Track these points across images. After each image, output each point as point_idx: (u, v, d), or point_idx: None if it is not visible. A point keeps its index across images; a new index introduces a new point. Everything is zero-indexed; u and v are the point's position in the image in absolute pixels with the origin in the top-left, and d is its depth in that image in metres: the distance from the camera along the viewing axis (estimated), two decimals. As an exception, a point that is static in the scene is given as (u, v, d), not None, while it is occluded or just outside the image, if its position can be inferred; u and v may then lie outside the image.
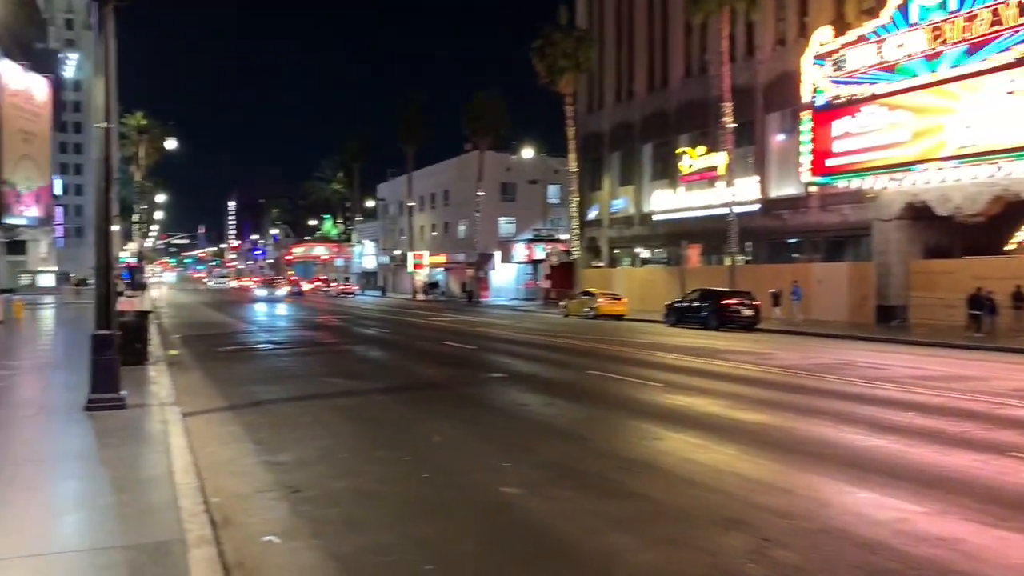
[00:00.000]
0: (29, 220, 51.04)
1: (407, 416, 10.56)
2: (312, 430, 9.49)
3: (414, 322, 32.38)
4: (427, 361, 17.60)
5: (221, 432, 9.46)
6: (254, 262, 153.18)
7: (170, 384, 12.50)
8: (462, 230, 68.77)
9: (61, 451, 7.94)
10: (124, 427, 8.92)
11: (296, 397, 12.07)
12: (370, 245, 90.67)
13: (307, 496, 6.70)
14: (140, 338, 15.26)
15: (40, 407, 10.30)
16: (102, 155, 10.30)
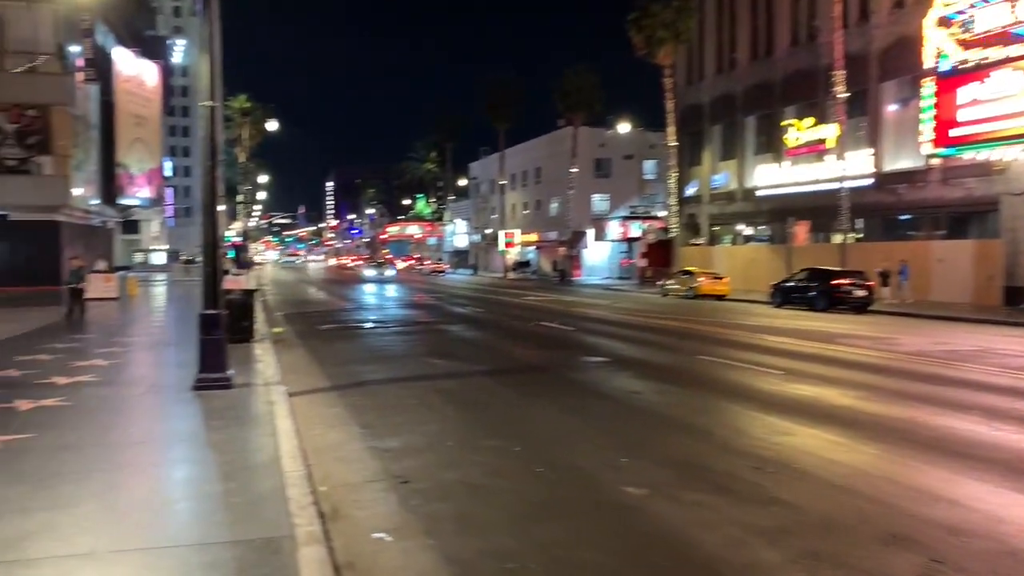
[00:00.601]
0: (142, 201, 53.51)
1: (511, 401, 10.12)
2: (417, 414, 9.17)
3: (507, 301, 32.07)
4: (526, 342, 17.14)
5: (326, 414, 9.26)
6: (351, 241, 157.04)
7: (275, 363, 12.49)
8: (554, 208, 68.06)
9: (170, 433, 7.88)
10: (231, 408, 8.82)
11: (398, 378, 11.84)
12: (462, 224, 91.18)
13: (417, 488, 6.33)
14: (246, 316, 15.43)
15: (150, 386, 10.40)
16: (207, 133, 10.22)
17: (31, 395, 9.38)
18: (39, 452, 6.77)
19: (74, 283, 20.20)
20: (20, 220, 37.59)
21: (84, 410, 8.63)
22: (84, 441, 7.21)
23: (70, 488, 5.77)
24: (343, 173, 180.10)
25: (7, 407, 8.71)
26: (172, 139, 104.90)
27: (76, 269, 20.44)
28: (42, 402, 9.00)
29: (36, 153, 38.12)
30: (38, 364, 12.07)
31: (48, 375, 10.95)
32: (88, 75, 41.52)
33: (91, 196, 43.78)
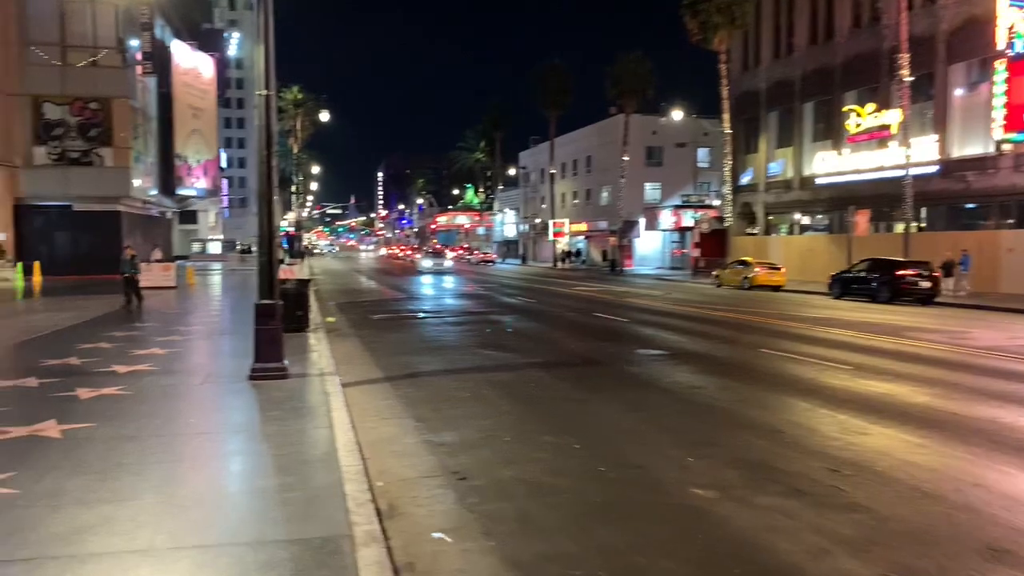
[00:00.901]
0: (199, 191, 54.64)
1: (568, 396, 9.86)
2: (472, 407, 9.00)
3: (558, 291, 31.78)
4: (580, 334, 16.85)
5: (380, 406, 9.15)
6: (400, 231, 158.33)
7: (329, 353, 12.47)
8: (604, 197, 67.38)
9: (227, 424, 7.84)
10: (287, 398, 8.77)
11: (451, 370, 11.69)
12: (511, 213, 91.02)
13: (474, 485, 6.14)
14: (301, 306, 15.50)
15: (207, 375, 10.44)
16: (263, 122, 10.17)
17: (92, 383, 9.48)
18: (100, 442, 6.78)
19: (128, 272, 20.41)
20: (83, 211, 38.73)
21: (143, 399, 8.67)
22: (144, 431, 7.20)
23: (130, 480, 5.72)
24: (393, 163, 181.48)
25: (69, 395, 8.81)
26: (227, 131, 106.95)
27: (130, 259, 20.64)
28: (103, 390, 9.08)
29: (98, 145, 39.15)
30: (99, 352, 12.26)
31: (108, 363, 11.09)
32: (147, 68, 42.41)
33: (150, 187, 44.82)
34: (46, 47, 37.59)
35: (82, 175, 38.44)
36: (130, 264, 20.44)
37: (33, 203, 37.89)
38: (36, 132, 38.02)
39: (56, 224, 38.93)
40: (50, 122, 38.44)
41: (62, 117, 38.59)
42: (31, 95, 37.67)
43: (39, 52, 37.46)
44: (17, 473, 5.82)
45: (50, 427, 7.27)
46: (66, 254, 38.51)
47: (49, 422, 7.44)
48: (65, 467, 6.03)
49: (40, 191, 37.82)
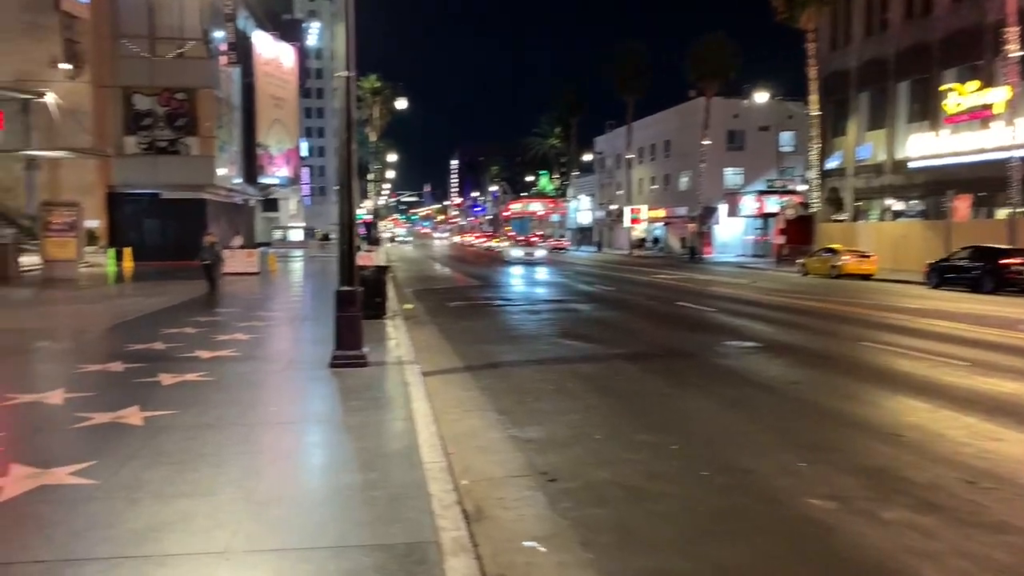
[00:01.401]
0: (280, 180, 55.80)
1: (659, 390, 9.31)
2: (557, 401, 8.56)
3: (637, 279, 31.01)
4: (664, 323, 16.20)
5: (461, 397, 8.82)
6: (474, 218, 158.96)
7: (408, 340, 12.24)
8: (683, 182, 65.76)
9: (308, 414, 7.62)
10: (367, 387, 8.53)
11: (533, 360, 11.28)
12: (586, 200, 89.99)
13: (566, 488, 5.70)
14: (379, 292, 15.37)
15: (288, 362, 10.32)
16: (344, 105, 9.93)
17: (175, 369, 9.46)
18: (181, 431, 6.63)
19: (207, 260, 20.49)
20: (170, 198, 39.93)
21: (225, 386, 8.56)
22: (224, 420, 7.04)
23: (209, 473, 5.52)
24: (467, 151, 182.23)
25: (152, 381, 8.78)
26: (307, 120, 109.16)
27: (209, 246, 20.72)
28: (185, 376, 9.03)
29: (184, 135, 40.26)
30: (183, 337, 12.34)
31: (192, 349, 11.11)
32: (231, 58, 43.36)
33: (234, 175, 45.95)
34: (136, 40, 38.79)
35: (169, 164, 39.61)
36: (209, 251, 20.52)
37: (124, 191, 39.24)
38: (127, 122, 39.34)
39: (146, 211, 40.24)
40: (140, 112, 39.70)
41: (151, 108, 39.81)
42: (122, 87, 38.94)
43: (130, 45, 38.69)
44: (97, 462, 5.69)
45: (132, 414, 7.18)
46: (155, 240, 39.80)
47: (132, 408, 7.36)
48: (144, 456, 5.88)
49: (130, 179, 39.13)
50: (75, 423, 6.87)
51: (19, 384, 8.80)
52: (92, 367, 9.63)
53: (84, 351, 11.34)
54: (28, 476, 5.36)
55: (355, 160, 10.02)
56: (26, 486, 5.15)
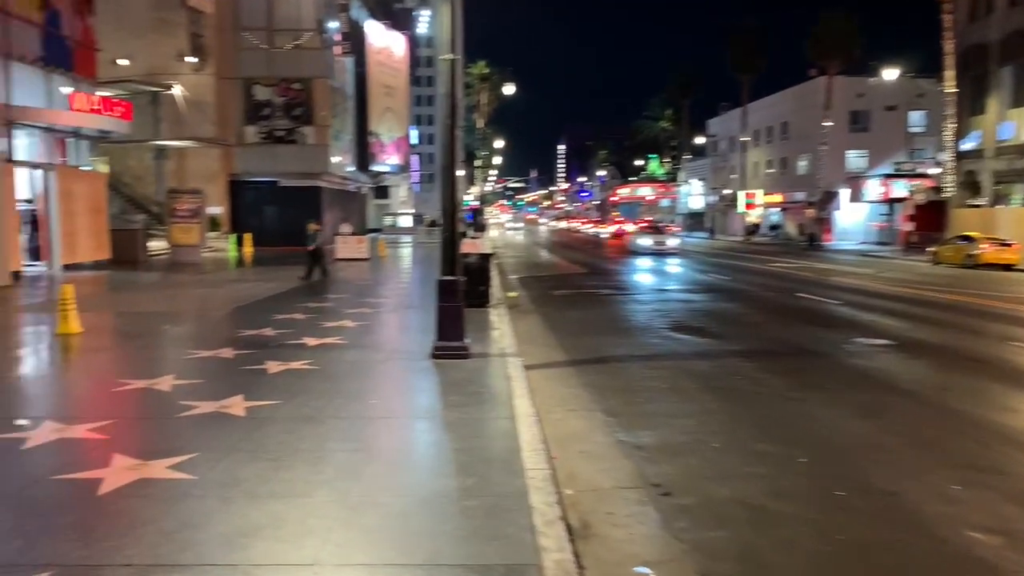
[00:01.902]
0: (391, 167, 56.90)
1: (781, 392, 8.56)
2: (669, 402, 8.00)
3: (752, 268, 29.62)
4: (784, 317, 15.18)
5: (565, 394, 8.39)
6: (580, 203, 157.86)
7: (511, 331, 11.91)
8: (802, 166, 62.66)
9: (408, 408, 7.37)
10: (468, 381, 8.23)
11: (643, 355, 10.72)
12: (697, 184, 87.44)
13: (681, 504, 5.19)
14: (483, 280, 15.15)
15: (391, 351, 10.18)
16: (448, 90, 9.63)
17: (282, 356, 9.47)
18: (281, 423, 6.52)
19: (313, 246, 20.73)
20: (288, 186, 41.29)
21: (328, 376, 8.46)
22: (325, 412, 6.89)
23: (304, 471, 5.32)
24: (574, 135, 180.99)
25: (259, 368, 8.79)
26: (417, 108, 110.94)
27: (313, 233, 20.96)
28: (291, 364, 9.01)
29: (300, 124, 41.49)
30: (292, 323, 12.47)
31: (300, 335, 11.17)
32: (344, 48, 44.35)
33: (347, 163, 47.12)
34: (255, 32, 40.18)
35: (286, 152, 40.94)
36: (313, 238, 20.80)
37: (245, 179, 40.86)
38: (247, 113, 40.86)
39: (264, 199, 41.75)
40: (259, 103, 41.14)
41: (269, 98, 41.18)
42: (243, 78, 40.45)
43: (249, 37, 40.12)
44: (198, 455, 5.61)
45: (236, 403, 7.14)
46: (273, 226, 41.27)
47: (236, 398, 7.34)
48: (243, 450, 5.76)
49: (251, 168, 40.67)
50: (180, 412, 6.89)
51: (134, 369, 9.03)
52: (204, 353, 9.79)
53: (199, 336, 11.62)
54: (128, 468, 5.32)
55: (459, 145, 9.72)
56: (125, 479, 5.10)
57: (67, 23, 24.06)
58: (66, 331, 11.24)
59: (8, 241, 19.01)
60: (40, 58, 22.55)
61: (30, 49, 22.11)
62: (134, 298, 16.99)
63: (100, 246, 25.74)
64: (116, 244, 26.84)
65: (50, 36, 22.97)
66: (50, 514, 4.57)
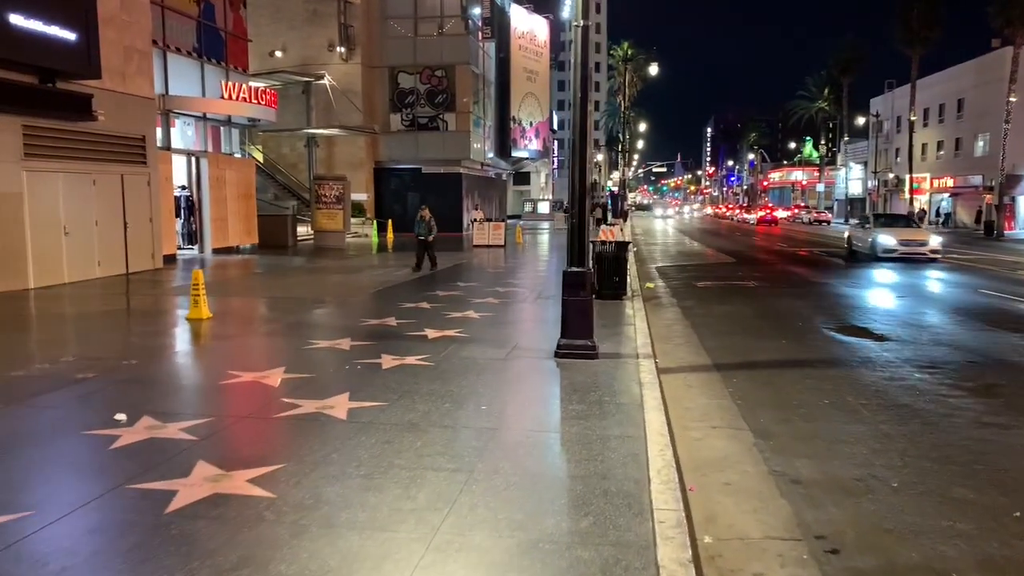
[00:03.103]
0: (531, 153, 56.44)
1: (976, 417, 6.94)
2: (833, 422, 6.71)
3: (922, 259, 26.63)
4: (968, 318, 13.03)
5: (706, 406, 7.28)
6: (728, 188, 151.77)
7: (646, 327, 10.86)
8: (980, 147, 56.62)
9: (520, 418, 6.49)
10: (593, 386, 7.32)
11: (798, 360, 9.35)
12: (857, 168, 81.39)
13: (855, 568, 4.04)
14: (619, 271, 14.13)
15: (513, 347, 9.38)
16: (578, 59, 8.68)
17: (398, 350, 8.94)
18: (381, 430, 5.88)
19: (424, 235, 19.15)
20: (430, 173, 41.72)
21: (441, 374, 7.80)
22: (429, 418, 6.20)
23: (394, 494, 4.62)
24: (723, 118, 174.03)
25: (372, 363, 8.27)
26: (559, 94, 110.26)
27: (426, 220, 19.22)
28: (406, 359, 8.44)
29: (443, 111, 41.72)
30: (417, 313, 12.01)
31: (422, 326, 10.65)
32: (486, 34, 44.15)
33: (488, 149, 47.07)
34: (400, 20, 40.67)
35: (429, 139, 41.33)
36: (425, 226, 19.13)
37: (389, 166, 41.65)
38: (392, 101, 41.54)
39: (408, 185, 42.44)
40: (403, 90, 41.70)
41: (413, 86, 41.65)
42: (388, 67, 41.12)
43: (395, 26, 40.68)
44: (285, 466, 5.04)
45: (339, 403, 6.60)
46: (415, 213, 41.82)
47: (341, 397, 6.80)
48: (334, 463, 5.14)
49: (395, 155, 41.39)
50: (281, 411, 6.41)
51: (248, 360, 8.78)
52: (321, 343, 9.43)
53: (322, 325, 11.35)
54: (207, 479, 4.82)
55: (590, 122, 8.76)
56: (199, 493, 4.59)
57: (220, 15, 25.00)
58: (197, 316, 11.29)
59: (163, 226, 19.93)
60: (195, 49, 23.53)
61: (185, 41, 23.10)
62: (271, 283, 17.25)
63: (249, 231, 26.76)
64: (266, 229, 27.87)
65: (204, 28, 23.93)
66: (111, 533, 4.09)
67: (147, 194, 19.03)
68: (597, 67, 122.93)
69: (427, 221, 19.12)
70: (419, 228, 19.27)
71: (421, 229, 19.19)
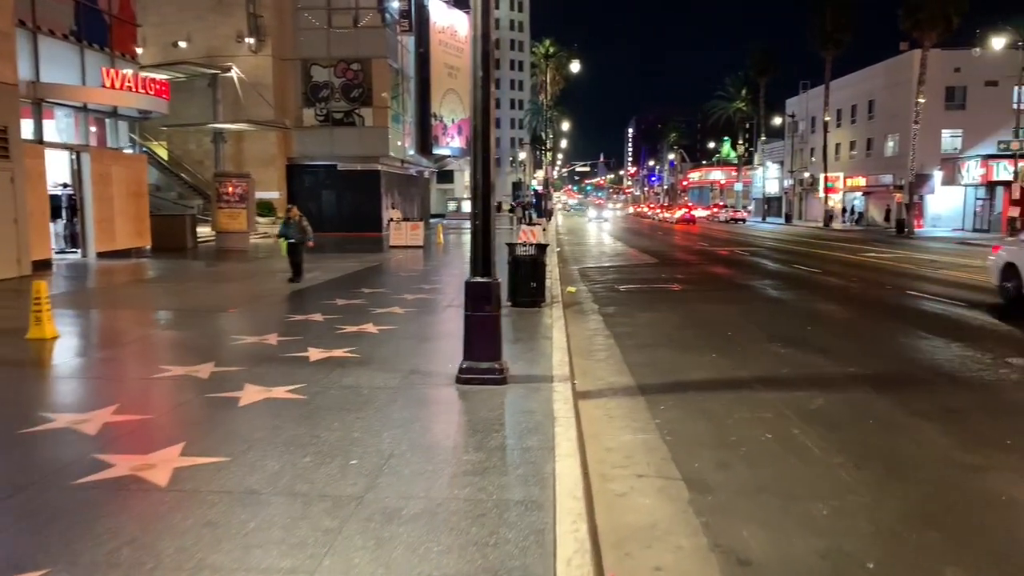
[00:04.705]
0: (453, 151, 54.97)
1: (947, 453, 5.91)
2: (783, 467, 5.56)
3: (841, 258, 26.50)
4: (905, 325, 12.31)
5: (630, 444, 6.09)
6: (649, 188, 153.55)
7: (564, 341, 9.65)
8: (890, 147, 58.13)
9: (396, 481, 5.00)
10: (496, 422, 6.05)
11: (732, 381, 8.26)
12: (773, 168, 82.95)
13: None
14: (537, 276, 12.84)
15: (410, 371, 7.96)
16: (480, 31, 7.39)
17: (268, 378, 7.47)
18: (207, 502, 4.42)
19: (292, 238, 15.67)
20: (346, 170, 39.86)
21: (313, 412, 6.36)
22: (279, 483, 4.75)
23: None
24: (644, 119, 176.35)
25: (230, 397, 6.77)
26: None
27: (295, 220, 15.69)
28: (273, 391, 6.98)
29: (359, 106, 39.88)
30: (305, 327, 10.51)
31: (306, 345, 9.17)
32: (403, 27, 42.51)
33: (408, 146, 45.41)
34: (314, 11, 38.69)
35: (345, 135, 39.52)
36: (295, 228, 15.65)
37: (303, 163, 39.67)
38: (305, 95, 39.54)
39: (323, 183, 40.61)
40: (317, 84, 39.76)
41: (327, 79, 39.75)
42: (301, 59, 39.13)
43: (308, 17, 38.67)
44: (52, 570, 3.57)
45: (165, 460, 5.10)
46: (331, 211, 40.10)
47: (171, 449, 5.31)
48: (121, 565, 3.69)
49: (309, 151, 39.47)
50: (83, 474, 4.87)
51: (71, 397, 7.17)
52: (176, 370, 7.85)
53: (186, 344, 9.67)
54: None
55: (492, 104, 7.47)
56: None
57: (102, -5, 22.77)
58: (39, 336, 9.51)
59: (34, 227, 17.73)
60: (72, 32, 21.26)
61: (61, 22, 20.82)
62: (148, 292, 15.38)
63: (141, 232, 24.52)
64: (161, 230, 25.65)
65: (84, 9, 21.66)
66: None
67: (11, 192, 16.84)
68: (520, 65, 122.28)
69: (297, 221, 15.70)
70: (287, 230, 15.79)
71: (290, 231, 15.69)
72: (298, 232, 15.66)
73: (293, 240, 15.71)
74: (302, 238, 15.71)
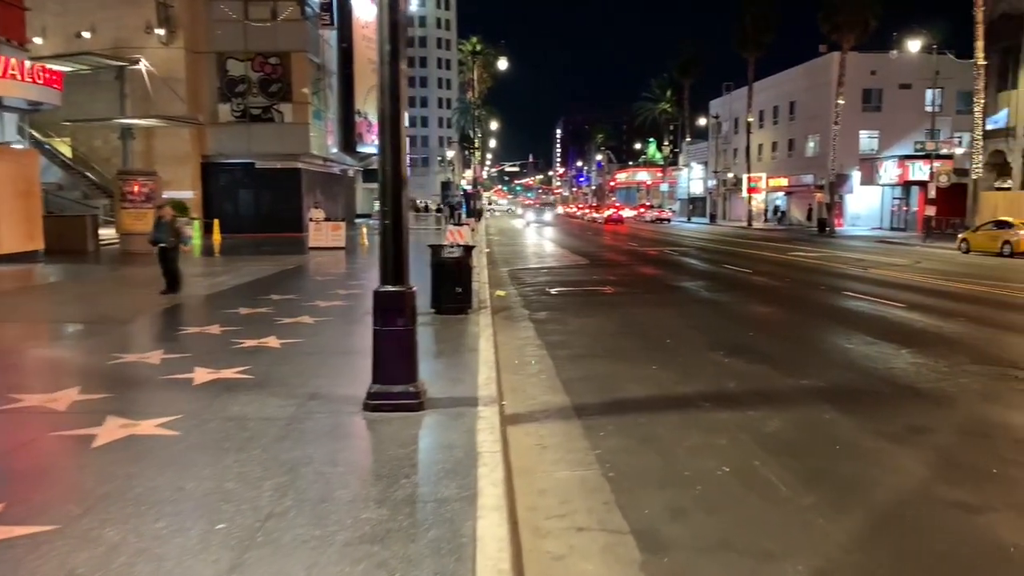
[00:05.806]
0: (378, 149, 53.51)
1: (930, 485, 5.19)
2: (747, 511, 4.70)
3: (769, 257, 26.40)
4: (850, 328, 11.67)
5: (567, 484, 5.16)
6: (577, 188, 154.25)
7: (492, 353, 8.69)
8: (811, 147, 59.36)
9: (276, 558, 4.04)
10: (408, 466, 5.03)
11: (678, 398, 7.43)
12: (698, 168, 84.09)
13: None
14: (462, 280, 11.78)
15: (310, 396, 6.86)
16: (385, 3, 6.37)
17: (138, 407, 6.27)
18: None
19: (164, 242, 13.43)
20: (265, 168, 38.04)
21: (183, 455, 5.21)
22: (112, 565, 3.66)
23: None
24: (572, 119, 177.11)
25: (83, 435, 5.55)
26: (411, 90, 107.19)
27: (167, 222, 13.57)
28: (140, 425, 5.80)
29: (278, 101, 38.11)
30: (198, 341, 9.27)
31: (193, 364, 7.94)
32: (325, 21, 40.93)
33: (331, 144, 43.74)
34: (230, 3, 36.73)
35: (263, 132, 37.75)
36: (167, 230, 13.46)
37: (219, 161, 37.73)
38: (221, 89, 37.59)
39: (240, 182, 38.79)
40: (234, 79, 37.91)
41: (244, 74, 37.93)
42: (216, 52, 37.17)
43: (224, 8, 36.71)
44: None
45: (-31, 534, 3.93)
46: (249, 212, 38.28)
47: (-15, 516, 4.13)
48: None
49: (225, 148, 37.57)
50: None
51: None
52: (27, 399, 6.55)
53: (51, 364, 8.32)
54: None
55: (403, 85, 6.46)
56: None
57: (-18, -26, 20.68)
58: None
59: None
60: (-55, 14, 19.21)
61: (-69, 3, 18.76)
62: (25, 301, 13.73)
63: (32, 234, 22.38)
64: (58, 232, 23.56)
65: (-41, -11, 19.63)
66: None
67: None
68: (448, 64, 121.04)
69: (169, 223, 13.59)
70: (158, 233, 13.52)
71: (161, 234, 13.44)
72: (170, 235, 13.48)
73: (164, 245, 13.45)
74: (175, 242, 13.60)
